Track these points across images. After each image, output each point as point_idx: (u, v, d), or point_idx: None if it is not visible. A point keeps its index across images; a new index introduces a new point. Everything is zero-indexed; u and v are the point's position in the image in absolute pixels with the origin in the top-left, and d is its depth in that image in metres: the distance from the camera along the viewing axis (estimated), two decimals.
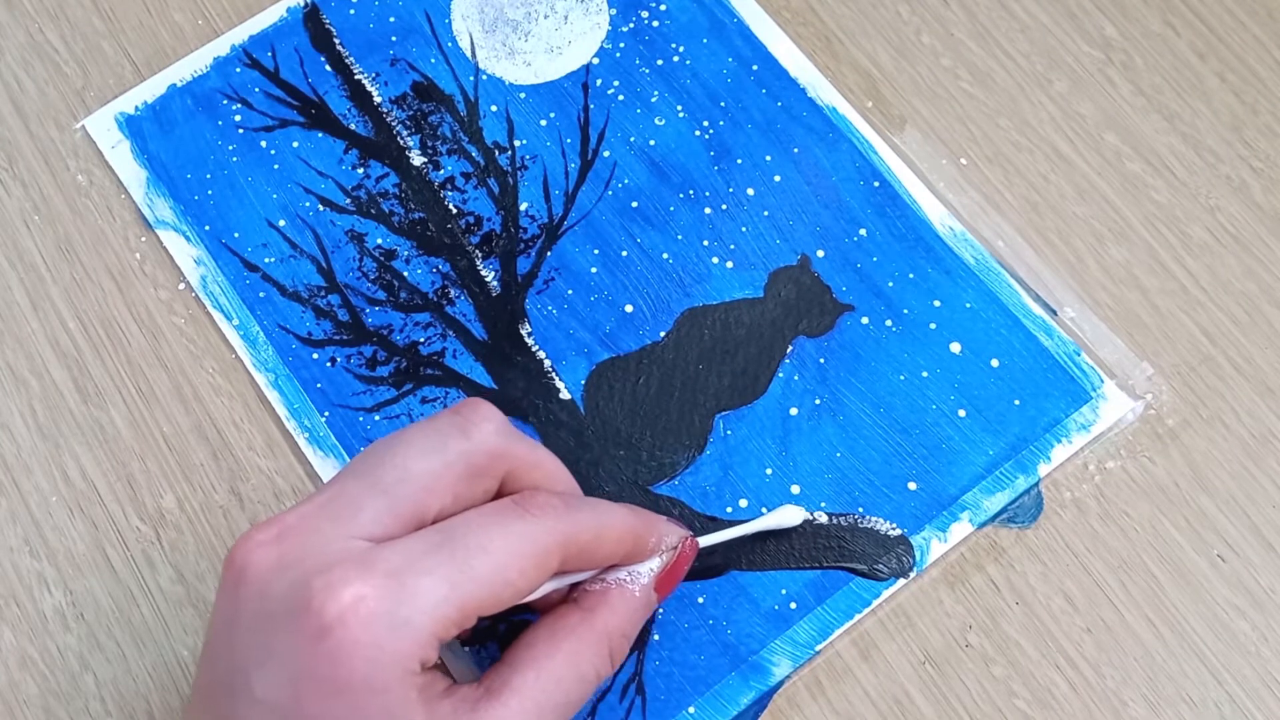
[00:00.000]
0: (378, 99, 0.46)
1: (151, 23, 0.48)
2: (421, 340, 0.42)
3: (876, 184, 0.44)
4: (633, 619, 0.34)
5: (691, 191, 0.44)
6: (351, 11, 0.47)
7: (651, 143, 0.45)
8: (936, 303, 0.42)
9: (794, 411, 0.41)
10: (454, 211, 0.44)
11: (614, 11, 0.47)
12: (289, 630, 0.29)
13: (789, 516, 0.39)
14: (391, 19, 0.47)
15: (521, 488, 0.34)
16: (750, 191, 0.44)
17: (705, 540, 0.37)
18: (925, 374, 0.41)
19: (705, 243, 0.43)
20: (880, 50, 0.46)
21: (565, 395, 0.41)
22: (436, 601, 0.29)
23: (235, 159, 0.45)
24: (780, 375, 0.41)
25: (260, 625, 0.30)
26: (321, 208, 0.44)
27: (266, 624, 0.30)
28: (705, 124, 0.45)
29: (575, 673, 0.32)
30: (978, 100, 0.45)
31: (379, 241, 0.44)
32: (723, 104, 0.45)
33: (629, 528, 0.34)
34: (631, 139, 0.45)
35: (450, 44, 0.47)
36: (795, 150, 0.45)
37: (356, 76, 0.46)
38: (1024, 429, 0.40)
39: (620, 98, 0.46)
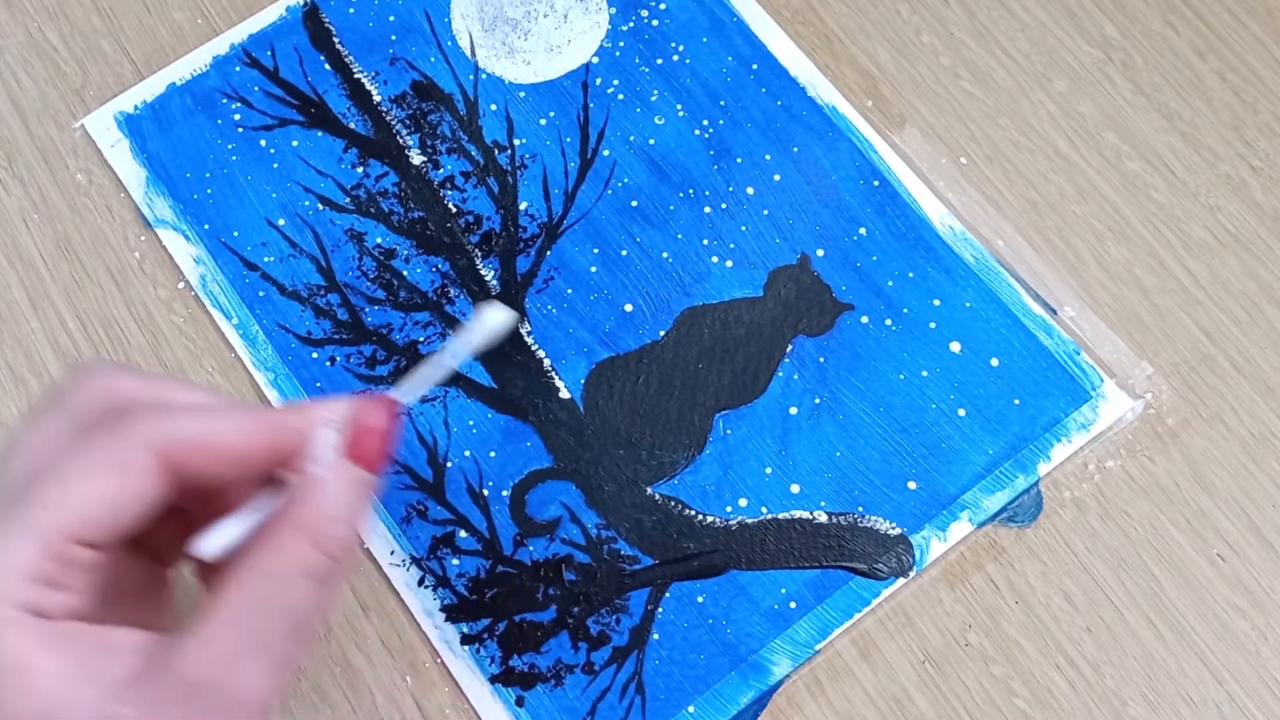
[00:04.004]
0: (377, 98, 0.46)
1: (151, 21, 0.47)
2: (421, 339, 0.42)
3: (876, 183, 0.44)
4: (334, 503, 0.31)
5: (691, 190, 0.44)
6: (351, 10, 0.47)
7: (651, 142, 0.45)
8: (936, 302, 0.42)
9: (794, 411, 0.41)
10: (453, 210, 0.44)
11: (614, 10, 0.47)
12: None
13: (493, 319, 0.32)
14: (391, 18, 0.47)
15: (141, 407, 0.31)
16: (750, 190, 0.44)
17: (406, 388, 0.32)
18: (925, 373, 0.41)
19: (705, 242, 0.43)
20: (880, 49, 0.46)
21: (565, 394, 0.41)
22: (9, 545, 0.28)
23: (235, 158, 0.45)
24: (780, 374, 0.41)
25: None
26: (321, 206, 0.44)
27: None
28: (705, 123, 0.45)
29: (284, 572, 0.30)
30: (977, 99, 0.45)
31: (378, 240, 0.44)
32: (722, 103, 0.45)
33: (250, 421, 0.31)
34: (631, 138, 0.45)
35: (450, 43, 0.47)
36: (795, 149, 0.44)
37: (356, 75, 0.46)
38: (1024, 428, 0.40)
39: (620, 97, 0.46)
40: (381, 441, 0.32)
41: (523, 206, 0.44)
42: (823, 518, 0.40)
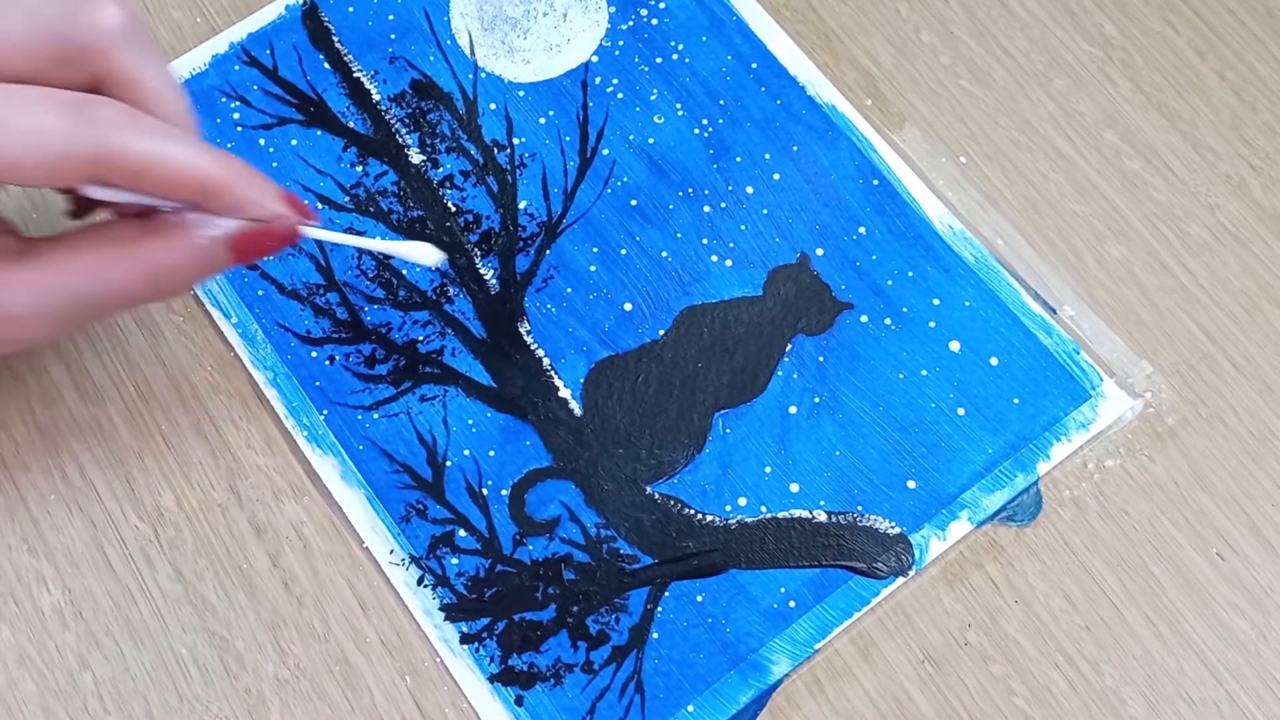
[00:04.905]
0: (376, 97, 0.46)
1: (149, 20, 0.47)
2: (420, 338, 0.42)
3: (876, 182, 0.44)
4: (189, 261, 0.34)
5: (690, 190, 0.44)
6: (350, 9, 0.47)
7: (650, 141, 0.45)
8: (936, 301, 0.42)
9: (793, 410, 0.41)
10: (453, 209, 0.44)
11: (613, 9, 0.47)
12: None
13: (423, 254, 0.37)
14: (390, 16, 0.47)
15: (112, 94, 0.34)
16: (749, 190, 0.44)
17: (313, 233, 0.36)
18: (924, 372, 0.41)
19: (704, 241, 0.43)
20: (879, 48, 0.46)
21: (564, 393, 0.41)
22: None
23: None
24: (779, 373, 0.41)
25: None
26: (320, 205, 0.44)
27: None
28: (704, 122, 0.45)
29: (104, 277, 0.34)
30: (977, 98, 0.45)
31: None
32: (722, 102, 0.45)
33: (196, 175, 0.33)
34: (630, 137, 0.45)
35: (449, 41, 0.47)
36: (794, 148, 0.44)
37: (355, 74, 0.46)
38: (1023, 427, 0.40)
39: (619, 95, 0.45)
40: (262, 252, 0.35)
41: (522, 205, 0.44)
42: (822, 517, 0.40)
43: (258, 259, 0.36)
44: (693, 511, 0.40)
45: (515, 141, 0.45)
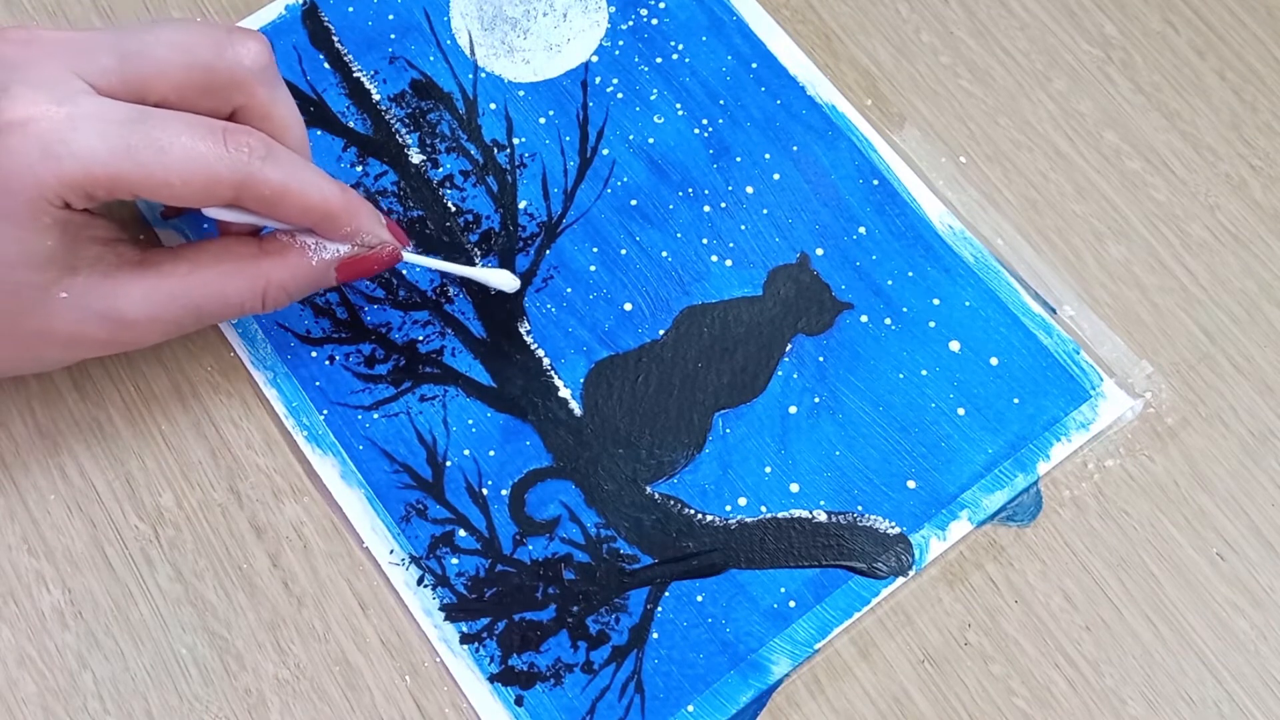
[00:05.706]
0: (376, 97, 0.46)
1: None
2: (420, 338, 0.42)
3: (876, 182, 0.44)
4: (298, 279, 0.37)
5: (690, 189, 0.44)
6: (350, 9, 0.47)
7: (650, 141, 0.45)
8: (936, 301, 0.42)
9: (793, 410, 0.41)
10: (453, 209, 0.44)
11: (613, 9, 0.47)
12: None
13: (503, 280, 0.41)
14: (390, 16, 0.47)
15: (249, 124, 0.36)
16: (749, 189, 0.44)
17: (411, 257, 0.40)
18: (924, 372, 0.41)
19: (704, 241, 0.43)
20: (880, 48, 0.46)
21: (564, 393, 0.41)
22: (92, 158, 0.32)
23: None
24: (779, 373, 0.41)
25: None
26: None
27: None
28: (704, 122, 0.45)
29: (221, 289, 0.36)
30: (977, 98, 0.45)
31: None
32: (722, 102, 0.45)
33: (322, 204, 0.36)
34: (630, 137, 0.45)
35: (449, 41, 0.47)
36: (794, 148, 0.44)
37: (355, 74, 0.46)
38: (1023, 427, 0.40)
39: (619, 95, 0.45)
40: (365, 274, 0.38)
41: (522, 205, 0.44)
42: (822, 517, 0.40)
43: (359, 280, 0.39)
44: (693, 511, 0.40)
45: (515, 141, 0.45)
